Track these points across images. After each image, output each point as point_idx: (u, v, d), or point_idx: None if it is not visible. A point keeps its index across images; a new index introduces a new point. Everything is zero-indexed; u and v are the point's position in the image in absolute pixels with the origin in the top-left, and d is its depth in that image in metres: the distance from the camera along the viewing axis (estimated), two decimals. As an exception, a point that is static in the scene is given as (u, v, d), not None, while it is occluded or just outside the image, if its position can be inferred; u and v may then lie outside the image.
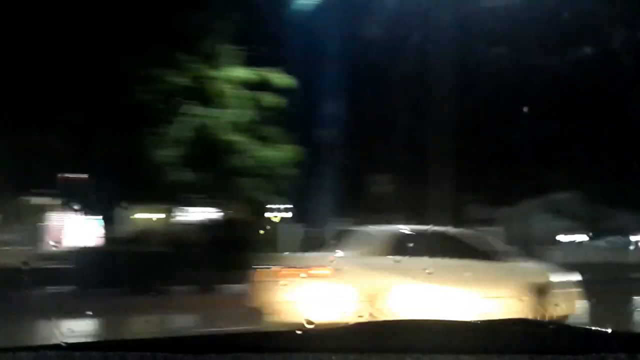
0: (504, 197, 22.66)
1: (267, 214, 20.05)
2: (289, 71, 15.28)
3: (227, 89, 13.84)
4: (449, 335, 1.50)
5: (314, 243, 19.99)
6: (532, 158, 22.58)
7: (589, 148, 23.35)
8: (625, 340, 1.48)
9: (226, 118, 13.74)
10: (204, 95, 13.41)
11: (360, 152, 23.06)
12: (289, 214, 24.44)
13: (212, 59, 13.69)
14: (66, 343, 1.45)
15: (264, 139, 15.01)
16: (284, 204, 22.25)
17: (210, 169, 13.84)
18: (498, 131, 21.47)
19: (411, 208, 20.81)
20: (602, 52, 21.54)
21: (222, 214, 17.35)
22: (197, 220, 17.62)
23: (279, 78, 14.82)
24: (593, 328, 1.68)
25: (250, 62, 14.76)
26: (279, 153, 15.23)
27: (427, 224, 18.59)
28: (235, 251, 15.23)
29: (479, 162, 21.39)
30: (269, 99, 14.81)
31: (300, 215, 23.79)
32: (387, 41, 19.95)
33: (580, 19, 19.27)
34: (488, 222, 22.07)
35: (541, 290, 8.21)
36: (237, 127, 13.99)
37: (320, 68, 22.84)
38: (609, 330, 1.59)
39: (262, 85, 14.78)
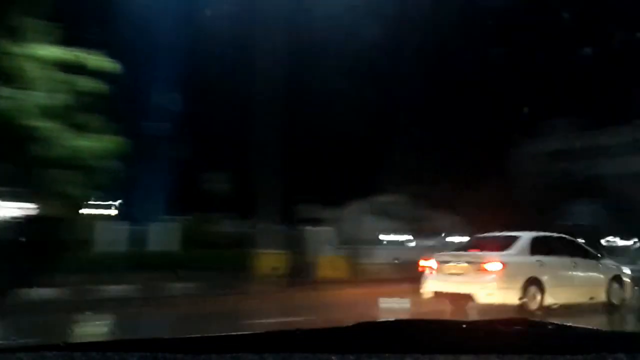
0: (334, 199, 23.25)
1: (85, 211, 18.34)
2: (117, 57, 14.05)
3: (33, 68, 12.25)
4: (449, 335, 1.55)
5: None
6: (361, 161, 23.51)
7: (411, 152, 24.91)
8: (625, 340, 1.53)
9: (31, 101, 12.13)
10: (3, 74, 11.72)
11: (194, 148, 22.22)
12: (114, 211, 22.74)
13: (15, 34, 12.02)
14: (66, 343, 1.43)
15: (79, 127, 13.56)
16: (106, 200, 20.62)
17: (11, 158, 12.17)
18: (330, 134, 21.98)
19: (244, 206, 20.51)
20: (418, 56, 22.94)
21: (31, 210, 15.51)
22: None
23: (100, 61, 13.50)
24: (593, 328, 1.76)
25: (69, 43, 13.27)
26: (98, 143, 13.88)
27: (272, 222, 18.57)
28: (42, 252, 13.70)
29: (311, 164, 21.71)
30: (87, 83, 13.43)
31: (128, 212, 22.26)
32: (224, 35, 19.38)
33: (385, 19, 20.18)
34: (318, 221, 22.50)
35: (617, 280, 11.57)
36: (46, 112, 12.43)
37: (153, 57, 21.60)
38: (609, 330, 1.69)
39: (80, 68, 13.37)
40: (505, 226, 13.46)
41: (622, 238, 31.30)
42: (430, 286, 10.69)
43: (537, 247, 10.62)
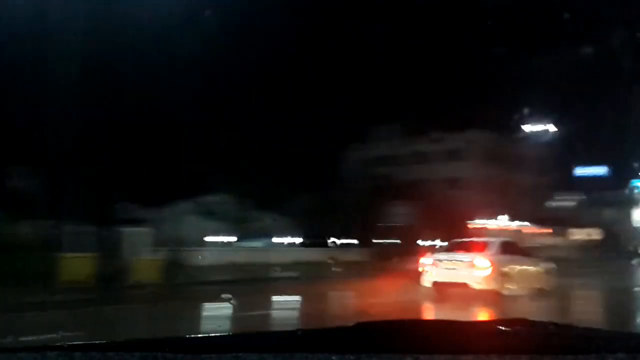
0: (155, 198, 22.00)
1: None
2: None
3: None
4: (449, 335, 1.56)
5: None
6: (186, 160, 22.53)
7: (241, 153, 24.53)
8: (625, 340, 1.53)
9: None
10: None
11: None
12: None
13: None
14: (66, 344, 1.43)
15: None
16: None
17: None
18: (149, 132, 20.75)
19: (48, 204, 18.46)
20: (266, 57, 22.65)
21: None
22: None
23: None
24: (593, 328, 1.77)
25: None
26: None
27: (82, 222, 16.82)
28: None
29: (129, 162, 20.24)
30: None
31: None
32: (24, 26, 17.27)
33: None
34: (137, 222, 21.07)
35: (547, 272, 15.33)
36: None
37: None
38: (609, 330, 1.75)
39: None
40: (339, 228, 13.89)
41: (434, 240, 33.89)
42: (430, 278, 13.86)
43: (503, 249, 14.51)
